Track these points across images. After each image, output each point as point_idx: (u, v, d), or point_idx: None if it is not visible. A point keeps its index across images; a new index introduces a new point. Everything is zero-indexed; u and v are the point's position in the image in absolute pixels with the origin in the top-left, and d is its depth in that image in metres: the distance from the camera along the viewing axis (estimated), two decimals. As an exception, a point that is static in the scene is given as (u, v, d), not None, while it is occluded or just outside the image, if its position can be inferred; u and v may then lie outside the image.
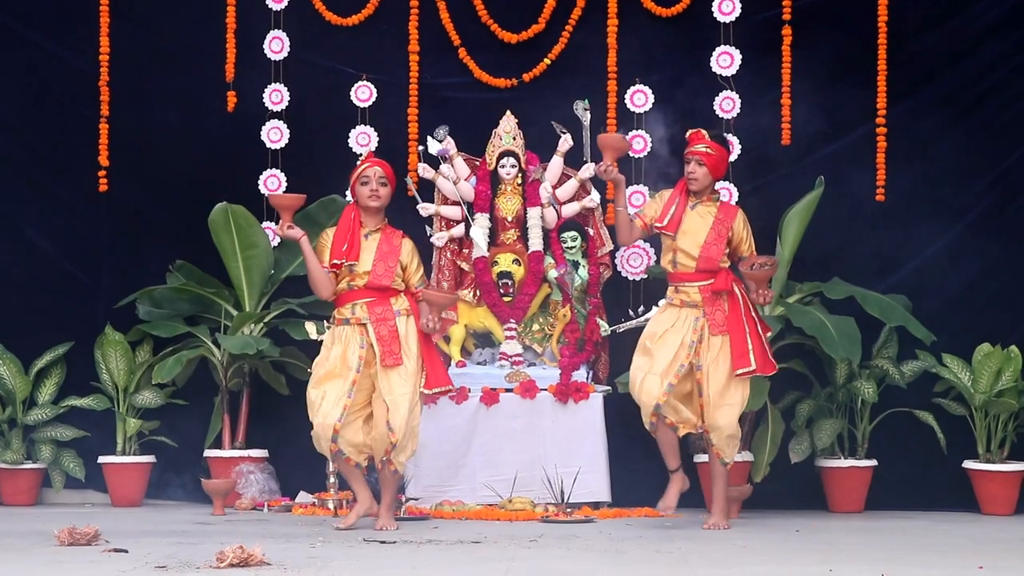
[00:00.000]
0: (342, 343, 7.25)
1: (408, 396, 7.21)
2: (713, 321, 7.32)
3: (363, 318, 7.24)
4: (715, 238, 7.35)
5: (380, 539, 6.62)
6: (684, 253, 7.36)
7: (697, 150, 7.41)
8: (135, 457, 8.85)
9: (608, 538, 6.81)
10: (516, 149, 8.81)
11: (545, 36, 9.12)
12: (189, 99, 9.18)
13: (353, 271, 7.24)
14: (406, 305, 7.31)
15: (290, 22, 9.16)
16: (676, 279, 7.41)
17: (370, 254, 7.26)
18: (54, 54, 9.22)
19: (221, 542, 5.90)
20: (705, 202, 7.43)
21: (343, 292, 7.29)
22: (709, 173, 7.41)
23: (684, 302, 7.36)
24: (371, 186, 7.29)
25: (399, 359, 7.21)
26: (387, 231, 7.36)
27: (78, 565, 5.52)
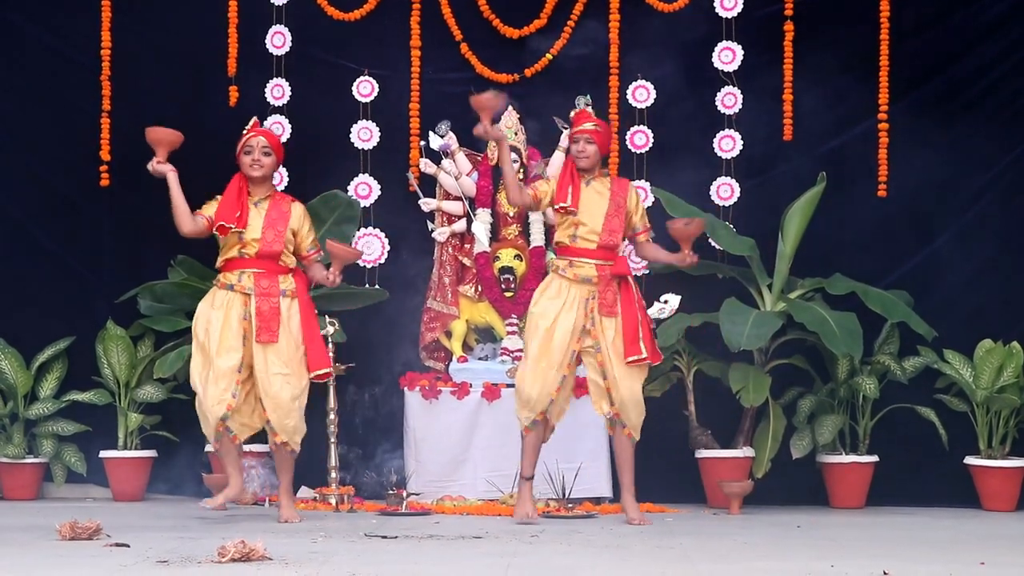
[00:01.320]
0: (223, 310, 7.23)
1: (289, 386, 7.22)
2: (604, 301, 7.34)
3: (248, 288, 7.24)
4: (615, 211, 7.43)
5: (382, 534, 6.62)
6: (587, 228, 7.39)
7: (585, 128, 7.49)
8: (136, 452, 8.86)
9: (609, 533, 6.81)
10: (518, 144, 8.80)
11: (547, 31, 9.12)
12: (191, 94, 9.17)
13: (242, 239, 7.25)
14: (293, 286, 7.31)
15: (292, 17, 9.16)
16: (573, 253, 7.41)
17: (259, 221, 7.29)
18: (55, 49, 9.21)
19: (223, 537, 5.90)
20: (598, 178, 7.51)
21: (233, 259, 7.29)
22: (598, 150, 7.49)
23: (578, 276, 7.37)
24: (254, 155, 7.34)
25: (275, 336, 7.20)
26: (276, 197, 7.40)
27: (80, 559, 5.52)
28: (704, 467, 8.47)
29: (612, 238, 7.41)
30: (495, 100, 7.47)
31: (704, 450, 8.47)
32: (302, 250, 7.42)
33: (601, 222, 7.38)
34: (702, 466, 8.47)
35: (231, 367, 7.20)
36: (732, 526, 7.30)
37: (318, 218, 8.90)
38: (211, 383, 7.19)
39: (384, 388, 8.75)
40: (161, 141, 7.31)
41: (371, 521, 7.38)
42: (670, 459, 8.61)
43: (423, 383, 8.50)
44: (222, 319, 7.24)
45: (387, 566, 5.43)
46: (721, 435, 8.51)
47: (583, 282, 7.37)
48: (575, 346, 7.36)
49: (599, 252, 7.39)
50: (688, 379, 8.55)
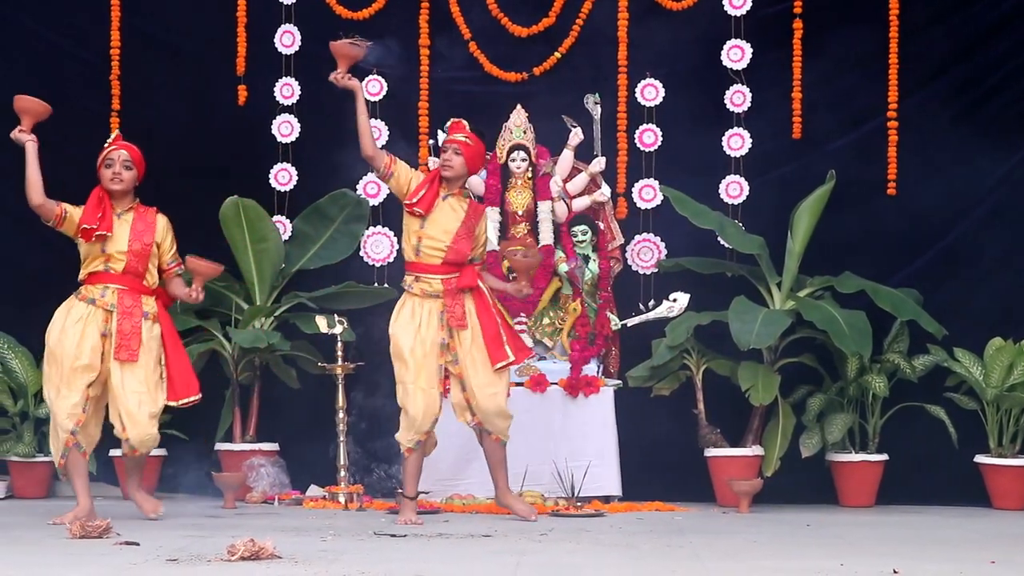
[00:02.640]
0: (81, 324, 7.14)
1: (146, 405, 7.16)
2: (453, 315, 7.31)
3: (110, 304, 7.16)
4: (465, 232, 7.35)
5: (391, 533, 6.62)
6: (431, 241, 7.33)
7: (456, 139, 7.44)
8: (147, 451, 8.85)
9: (619, 532, 6.80)
10: (526, 143, 8.80)
11: (556, 29, 9.12)
12: (200, 93, 9.18)
13: (106, 251, 7.16)
14: (155, 310, 7.26)
15: (301, 16, 9.17)
16: (419, 269, 7.36)
17: (125, 233, 7.21)
18: (64, 48, 9.22)
19: (232, 535, 5.90)
20: (457, 195, 7.44)
21: (97, 273, 7.19)
22: (465, 163, 7.42)
23: (425, 292, 7.34)
24: (114, 168, 7.26)
25: (135, 355, 7.12)
26: (139, 210, 7.32)
27: (90, 558, 5.53)
28: (713, 466, 8.46)
29: (459, 256, 7.36)
30: (353, 48, 7.39)
31: (713, 449, 8.46)
32: (163, 263, 7.33)
33: (450, 239, 7.32)
34: (711, 465, 8.46)
35: (84, 382, 7.10)
36: (741, 525, 7.29)
37: (327, 217, 8.93)
38: (62, 396, 7.09)
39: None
40: (28, 110, 7.16)
41: (380, 520, 7.38)
42: (679, 458, 8.60)
43: (432, 381, 8.48)
44: (79, 333, 7.12)
45: (396, 564, 5.43)
46: (730, 434, 8.50)
47: (431, 297, 7.34)
48: (440, 361, 7.34)
49: (444, 267, 7.35)
50: (697, 378, 8.54)
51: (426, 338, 7.30)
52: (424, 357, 7.28)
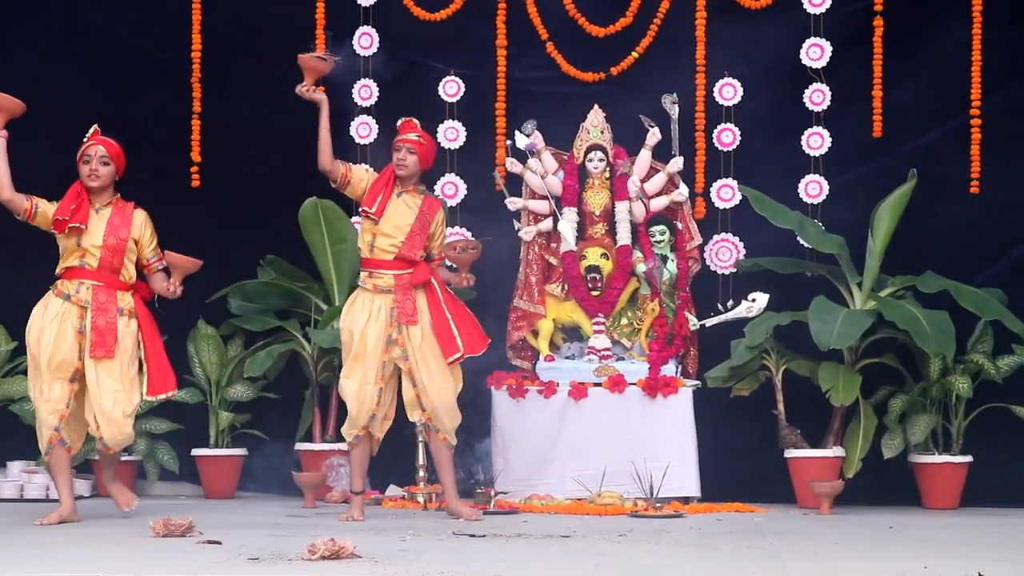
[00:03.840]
0: (58, 321, 7.12)
1: (121, 404, 7.15)
2: (403, 310, 7.38)
3: (85, 301, 7.15)
4: (420, 228, 7.45)
5: (470, 533, 6.63)
6: (385, 238, 7.42)
7: (408, 138, 7.53)
8: (227, 450, 8.94)
9: (698, 533, 6.77)
10: (604, 143, 8.79)
11: (633, 29, 9.09)
12: (279, 95, 9.22)
13: (82, 245, 7.14)
14: (131, 305, 7.24)
15: (379, 17, 9.20)
16: (372, 265, 7.46)
17: (100, 227, 7.19)
18: (146, 51, 9.32)
19: (313, 535, 5.93)
20: (411, 192, 7.53)
21: (73, 268, 7.18)
22: (419, 161, 7.52)
23: (377, 287, 7.41)
24: (91, 165, 7.22)
25: (110, 352, 7.11)
26: (118, 204, 7.30)
27: (173, 556, 5.58)
28: (794, 467, 8.40)
29: (411, 252, 7.44)
30: (320, 63, 7.46)
31: (794, 449, 8.40)
32: (143, 258, 7.33)
33: (404, 235, 7.42)
34: (792, 466, 8.40)
35: (64, 378, 7.11)
36: (822, 526, 7.23)
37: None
38: (44, 394, 7.10)
39: (471, 387, 8.74)
40: (2, 108, 7.13)
41: (459, 520, 7.39)
42: (759, 459, 8.55)
43: (510, 382, 8.50)
44: (56, 330, 7.12)
45: (475, 564, 5.43)
46: (811, 434, 8.43)
47: (383, 292, 7.41)
48: (385, 357, 7.40)
49: (396, 263, 7.42)
50: (777, 378, 8.48)
51: (372, 333, 7.38)
52: (367, 351, 7.37)
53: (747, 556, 5.82)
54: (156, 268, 7.37)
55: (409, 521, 7.28)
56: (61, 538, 6.25)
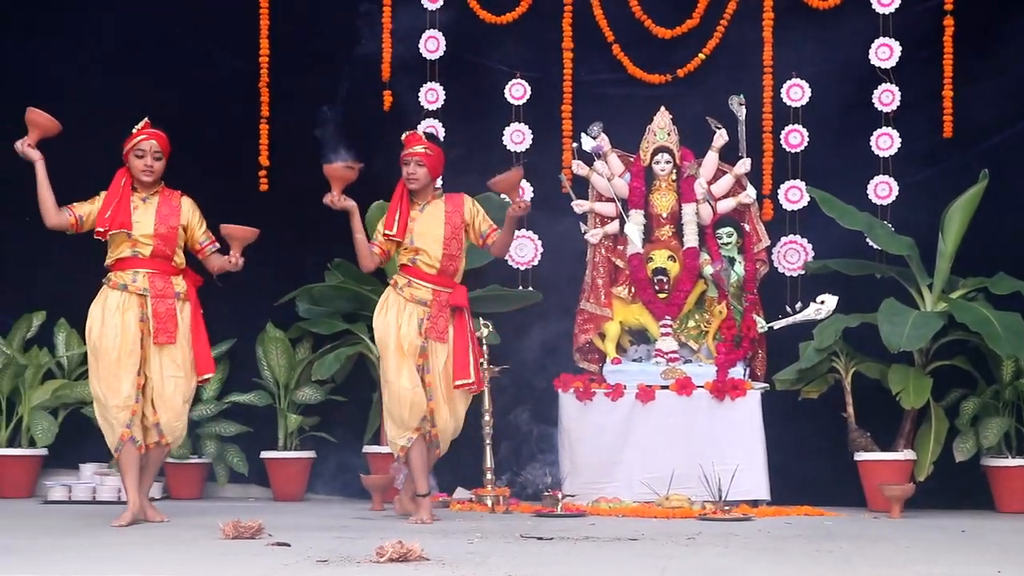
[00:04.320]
0: (119, 313, 7.12)
1: (181, 390, 7.19)
2: (435, 326, 7.39)
3: (143, 288, 7.14)
4: (452, 232, 7.44)
5: (537, 535, 6.63)
6: (426, 254, 7.41)
7: (416, 151, 7.50)
8: (296, 452, 9.00)
9: (767, 536, 6.73)
10: (670, 145, 8.77)
11: (700, 31, 9.07)
12: (346, 99, 9.28)
13: (132, 237, 7.13)
14: (184, 288, 7.24)
15: (445, 21, 9.23)
16: (414, 274, 7.44)
17: (150, 217, 7.18)
18: (214, 56, 9.40)
19: (381, 537, 5.95)
20: (431, 201, 7.52)
21: (125, 258, 7.16)
22: (428, 173, 7.50)
23: (414, 296, 7.40)
24: (146, 160, 7.22)
25: (173, 338, 7.13)
26: (165, 193, 7.29)
27: (243, 558, 5.61)
28: (864, 470, 8.34)
29: (452, 263, 7.44)
30: (347, 171, 7.44)
31: (864, 452, 8.34)
32: (195, 243, 7.32)
33: (440, 248, 7.41)
34: (862, 469, 8.34)
35: (132, 371, 7.10)
36: (893, 530, 7.17)
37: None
38: (113, 390, 7.07)
39: (538, 390, 8.75)
40: (38, 124, 7.16)
41: (527, 522, 7.39)
42: (829, 462, 8.50)
43: (577, 385, 8.49)
44: (119, 322, 7.11)
45: (543, 567, 5.43)
46: (881, 437, 8.36)
47: (418, 303, 7.40)
48: (419, 362, 7.41)
49: (439, 278, 7.42)
50: (846, 380, 8.42)
51: (408, 336, 7.38)
52: (407, 355, 7.37)
53: (817, 560, 5.77)
54: (210, 251, 7.39)
55: (477, 524, 7.28)
56: (133, 539, 6.31)
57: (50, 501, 8.61)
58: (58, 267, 9.30)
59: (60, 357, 9.21)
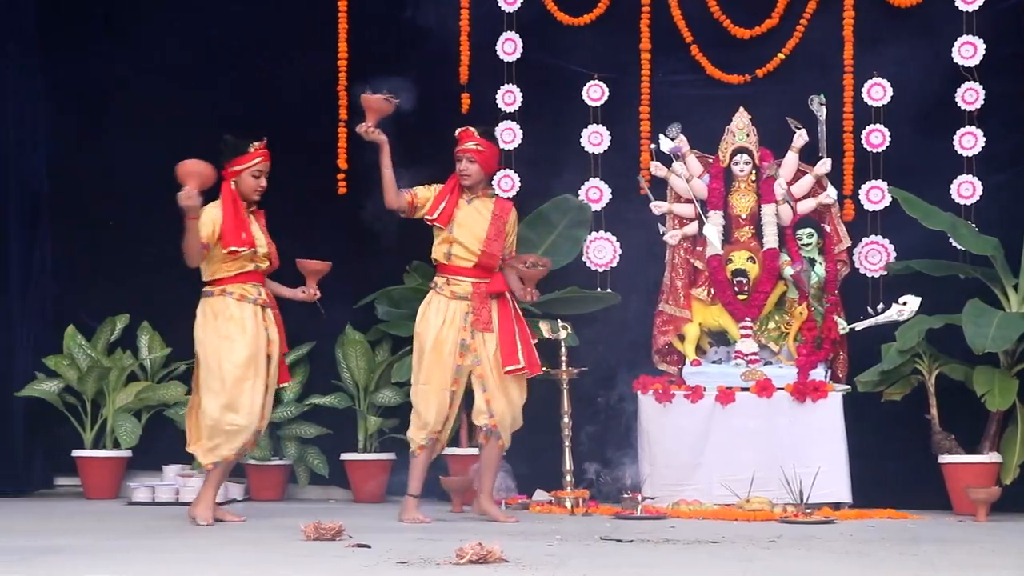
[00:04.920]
0: (254, 324, 7.19)
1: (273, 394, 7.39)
2: (479, 318, 7.45)
3: (266, 301, 7.30)
4: (495, 233, 7.51)
5: (617, 538, 6.61)
6: (462, 246, 7.47)
7: (468, 148, 7.55)
8: (376, 454, 9.03)
9: (849, 539, 6.67)
10: (750, 146, 8.72)
11: (779, 31, 9.00)
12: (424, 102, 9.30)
13: (258, 254, 7.26)
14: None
15: (523, 23, 9.23)
16: (450, 271, 7.52)
17: (260, 233, 7.31)
18: (294, 59, 9.46)
19: (460, 539, 5.96)
20: (481, 196, 7.57)
21: (247, 272, 7.24)
22: (481, 169, 7.55)
23: (455, 294, 7.47)
24: (261, 181, 7.32)
25: (286, 346, 7.40)
26: (256, 211, 7.40)
27: (324, 559, 5.64)
28: (948, 473, 8.24)
29: (491, 259, 7.50)
30: (384, 104, 7.50)
31: (948, 455, 8.24)
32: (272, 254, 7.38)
33: (480, 243, 7.47)
34: (946, 472, 8.24)
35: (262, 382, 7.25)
36: (979, 534, 7.08)
37: (548, 223, 8.93)
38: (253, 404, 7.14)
39: (617, 392, 8.73)
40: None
41: (606, 524, 7.38)
42: (912, 464, 8.41)
43: (656, 387, 8.46)
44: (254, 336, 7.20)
45: (622, 570, 5.41)
46: (965, 440, 8.26)
47: (460, 299, 7.47)
48: (459, 361, 7.47)
49: (475, 271, 7.49)
50: (930, 382, 8.33)
51: (448, 336, 7.44)
52: (445, 357, 7.45)
53: (900, 564, 5.71)
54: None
55: (556, 526, 7.27)
56: (215, 540, 6.36)
57: (134, 502, 8.70)
58: (141, 271, 9.41)
59: (143, 359, 9.31)
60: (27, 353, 9.38)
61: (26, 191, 9.53)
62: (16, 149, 9.48)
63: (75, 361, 9.20)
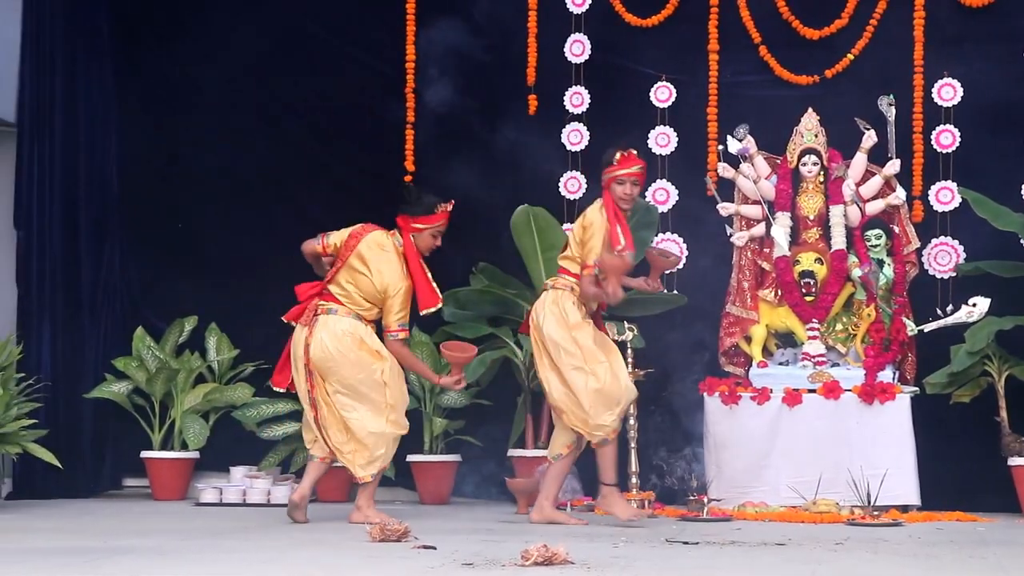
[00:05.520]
0: None
1: None
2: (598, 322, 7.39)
3: None
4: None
5: (683, 540, 6.59)
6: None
7: (635, 171, 7.29)
8: (442, 456, 9.05)
9: (917, 542, 6.62)
10: (818, 146, 8.67)
11: (848, 31, 8.96)
12: (492, 103, 9.33)
13: None
14: None
15: (590, 25, 9.23)
16: None
17: None
18: (362, 61, 9.51)
19: (526, 540, 5.96)
20: None
21: None
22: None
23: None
24: (438, 241, 7.46)
25: None
26: None
27: (389, 560, 5.66)
28: (1018, 475, 8.16)
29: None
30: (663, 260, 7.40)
31: (1018, 457, 8.16)
32: None
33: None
34: (1016, 474, 8.16)
35: None
36: (1049, 538, 7.00)
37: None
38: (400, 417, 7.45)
39: (684, 393, 8.71)
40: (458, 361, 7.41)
41: (672, 526, 7.35)
42: (981, 467, 8.33)
43: (723, 388, 8.44)
44: None
45: (688, 571, 5.40)
46: (1035, 442, 8.19)
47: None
48: None
49: None
50: (999, 384, 8.25)
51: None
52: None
53: (970, 567, 5.66)
54: None
55: (622, 527, 7.26)
56: (282, 542, 6.40)
57: (202, 503, 8.77)
58: (210, 273, 9.49)
59: (211, 361, 9.39)
60: (96, 355, 9.48)
61: (97, 193, 9.63)
62: (87, 151, 9.58)
63: (144, 363, 9.28)
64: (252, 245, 9.45)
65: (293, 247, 9.46)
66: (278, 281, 9.41)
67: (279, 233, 9.45)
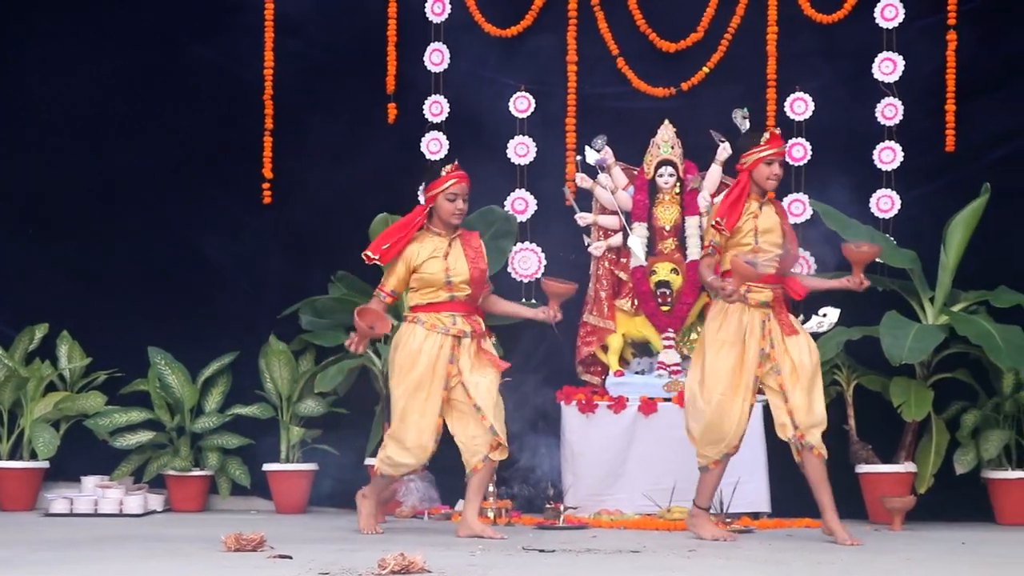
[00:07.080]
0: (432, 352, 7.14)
1: None
2: (783, 320, 7.06)
3: (465, 331, 7.17)
4: (789, 236, 7.14)
5: (539, 548, 6.63)
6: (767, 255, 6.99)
7: (783, 150, 7.17)
8: (298, 465, 9.00)
9: (768, 548, 6.74)
10: (674, 158, 8.78)
11: (704, 45, 9.08)
12: (351, 111, 9.31)
13: (451, 283, 7.15)
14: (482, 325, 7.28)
15: (450, 34, 9.25)
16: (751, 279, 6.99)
17: (462, 260, 7.18)
18: (221, 67, 9.42)
19: (382, 549, 5.95)
20: (767, 202, 7.16)
21: (440, 302, 7.17)
22: None
23: (757, 301, 7.03)
24: (458, 204, 7.18)
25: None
26: (465, 235, 7.29)
27: (244, 570, 5.61)
28: (865, 482, 8.34)
29: (789, 262, 7.17)
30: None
31: (865, 465, 8.34)
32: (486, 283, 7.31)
33: (780, 248, 7.08)
34: (863, 481, 8.34)
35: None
36: (894, 542, 7.17)
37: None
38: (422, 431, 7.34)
39: (541, 402, 8.75)
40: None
41: (529, 535, 7.39)
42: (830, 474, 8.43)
43: (580, 397, 8.50)
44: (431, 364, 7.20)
45: (545, 579, 5.44)
46: (882, 450, 8.37)
47: (760, 306, 7.07)
48: (758, 372, 7.09)
49: (774, 277, 7.09)
50: (847, 393, 8.43)
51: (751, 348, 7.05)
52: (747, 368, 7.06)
53: (818, 572, 5.78)
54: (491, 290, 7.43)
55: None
56: (135, 552, 6.32)
57: (51, 514, 8.61)
58: (59, 279, 9.32)
59: (62, 369, 9.22)
60: (-57, 363, 9.26)
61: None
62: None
63: (-8, 371, 9.10)
64: (106, 252, 9.31)
65: (149, 254, 9.39)
66: (132, 289, 9.33)
67: (135, 240, 9.34)
